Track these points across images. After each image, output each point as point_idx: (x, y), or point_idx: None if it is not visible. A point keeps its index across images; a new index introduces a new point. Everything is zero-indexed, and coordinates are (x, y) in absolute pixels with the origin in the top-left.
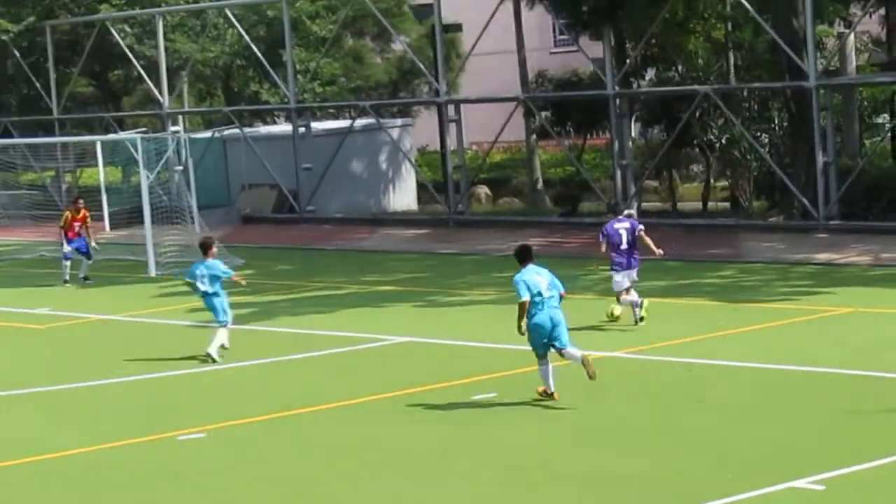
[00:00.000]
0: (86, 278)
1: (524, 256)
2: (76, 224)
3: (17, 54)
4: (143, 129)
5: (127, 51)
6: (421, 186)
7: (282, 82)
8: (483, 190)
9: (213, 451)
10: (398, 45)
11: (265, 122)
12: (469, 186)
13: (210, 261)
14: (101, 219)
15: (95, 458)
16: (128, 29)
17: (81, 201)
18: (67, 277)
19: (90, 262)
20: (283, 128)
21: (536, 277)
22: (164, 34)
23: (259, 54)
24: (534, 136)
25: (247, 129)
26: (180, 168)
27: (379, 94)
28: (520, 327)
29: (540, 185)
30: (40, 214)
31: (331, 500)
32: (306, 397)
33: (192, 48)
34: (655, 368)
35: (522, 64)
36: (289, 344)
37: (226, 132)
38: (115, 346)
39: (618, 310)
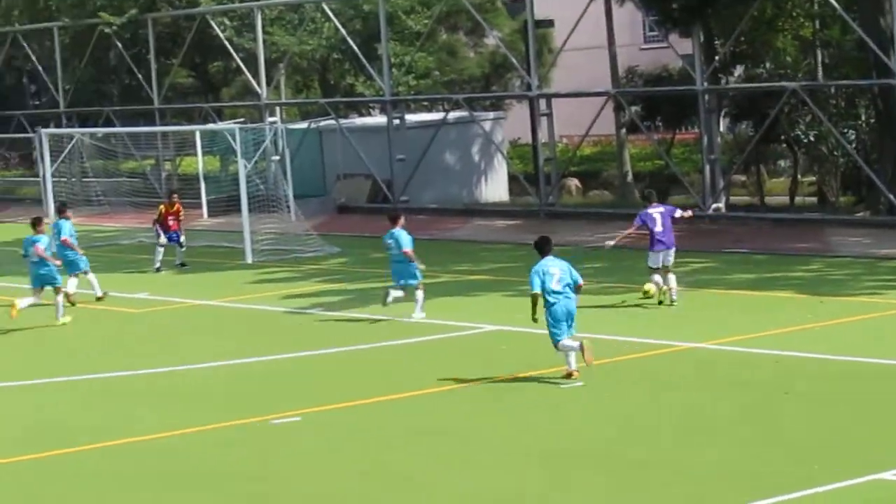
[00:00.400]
0: (182, 264)
1: (543, 248)
2: (170, 217)
3: (120, 46)
4: (242, 119)
5: (226, 43)
6: (512, 178)
7: (377, 75)
8: (573, 182)
9: (307, 435)
10: (491, 40)
11: (360, 114)
12: (560, 179)
13: (397, 230)
14: (199, 206)
15: (189, 441)
16: (227, 22)
17: (176, 196)
18: (159, 265)
19: (183, 249)
20: (378, 119)
21: (552, 269)
22: (263, 27)
23: (355, 48)
24: (623, 131)
25: (342, 121)
26: (277, 158)
27: (472, 88)
28: (534, 317)
29: (629, 178)
30: (140, 201)
31: (422, 486)
32: (399, 383)
33: (290, 41)
34: (742, 360)
35: (613, 59)
36: (383, 331)
37: (322, 123)
38: (211, 331)
39: (653, 288)
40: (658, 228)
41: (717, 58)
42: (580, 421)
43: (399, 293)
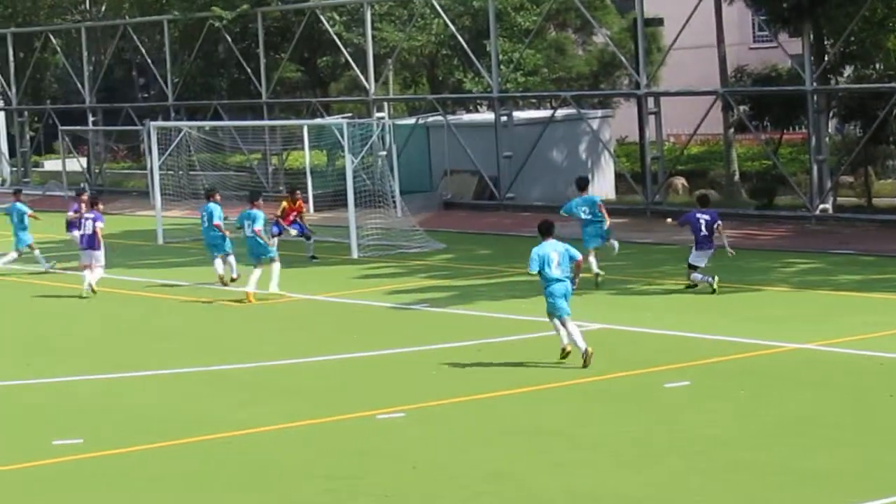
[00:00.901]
0: (313, 257)
1: (545, 231)
2: (292, 214)
3: (229, 40)
4: (349, 114)
5: (335, 38)
6: (619, 176)
7: (485, 72)
8: (680, 181)
9: (411, 430)
10: (600, 38)
11: (468, 111)
12: (666, 177)
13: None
14: (305, 201)
15: (293, 435)
16: (336, 17)
17: (298, 192)
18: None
19: (311, 242)
20: (486, 116)
21: (552, 253)
22: (372, 22)
23: (464, 44)
24: (731, 130)
25: (450, 117)
26: (384, 153)
27: (580, 86)
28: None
29: (737, 177)
30: (246, 195)
31: (524, 483)
32: (504, 380)
33: (399, 37)
34: (846, 362)
35: (721, 58)
36: (488, 327)
37: (429, 119)
38: (316, 325)
39: (697, 277)
40: (703, 233)
41: (826, 58)
42: (686, 420)
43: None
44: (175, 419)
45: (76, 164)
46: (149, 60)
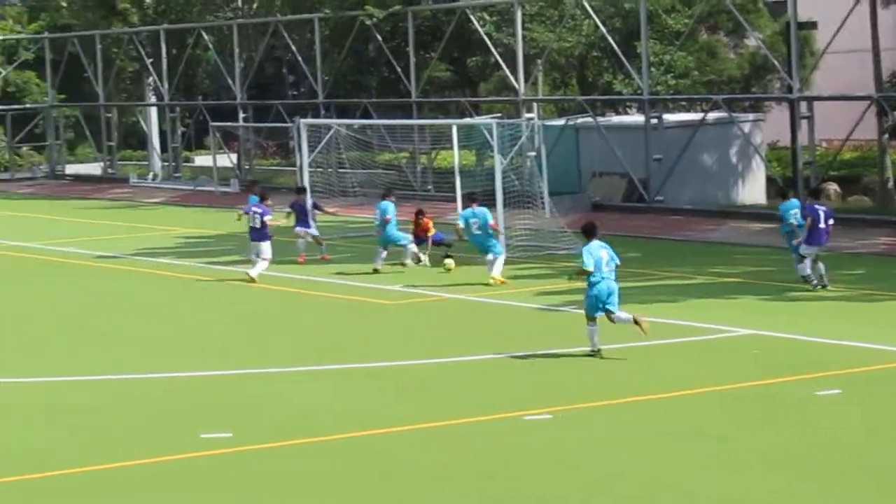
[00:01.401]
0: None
1: (591, 231)
2: (420, 233)
3: (380, 38)
4: (498, 114)
5: (485, 38)
6: (770, 181)
7: (635, 73)
8: (832, 187)
9: (558, 432)
10: (752, 41)
11: (617, 112)
12: (819, 183)
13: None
14: (453, 200)
15: (440, 434)
16: (487, 17)
17: (423, 212)
18: (424, 259)
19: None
20: (635, 118)
21: (601, 252)
22: (522, 23)
23: (614, 45)
24: (886, 136)
25: (599, 119)
26: (533, 154)
27: (731, 89)
28: (572, 277)
29: (890, 184)
30: (395, 194)
31: (670, 488)
32: (652, 384)
33: (549, 37)
34: None
35: (876, 63)
36: (635, 330)
37: (578, 120)
38: (464, 324)
39: (807, 269)
40: (822, 225)
41: None
42: (836, 429)
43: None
44: (324, 415)
45: (226, 159)
46: (299, 58)
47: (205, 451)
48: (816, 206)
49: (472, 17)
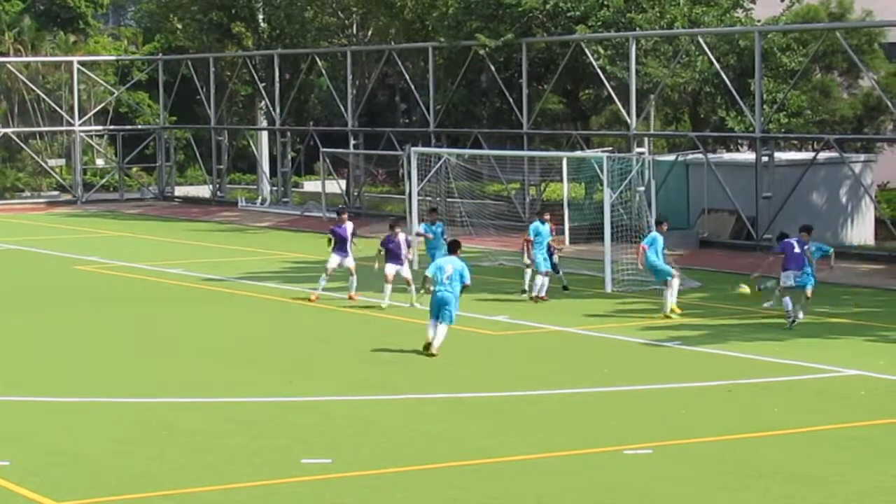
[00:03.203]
0: (565, 287)
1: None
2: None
3: (493, 68)
4: (609, 148)
5: (599, 71)
6: (879, 222)
7: (748, 111)
8: None
9: (658, 467)
10: (866, 81)
11: (728, 149)
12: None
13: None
14: (562, 233)
15: (540, 466)
16: (601, 50)
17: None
18: (526, 288)
19: (559, 274)
20: (746, 156)
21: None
22: (637, 57)
23: (728, 82)
24: None
25: (710, 155)
26: (642, 189)
27: (843, 129)
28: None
29: None
30: (503, 225)
31: None
32: (754, 422)
33: (663, 73)
34: None
35: None
36: (740, 368)
37: (689, 156)
38: (567, 357)
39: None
40: (797, 250)
41: None
42: None
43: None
44: (423, 443)
45: (335, 186)
46: (412, 86)
47: (305, 477)
48: (788, 240)
49: (586, 50)
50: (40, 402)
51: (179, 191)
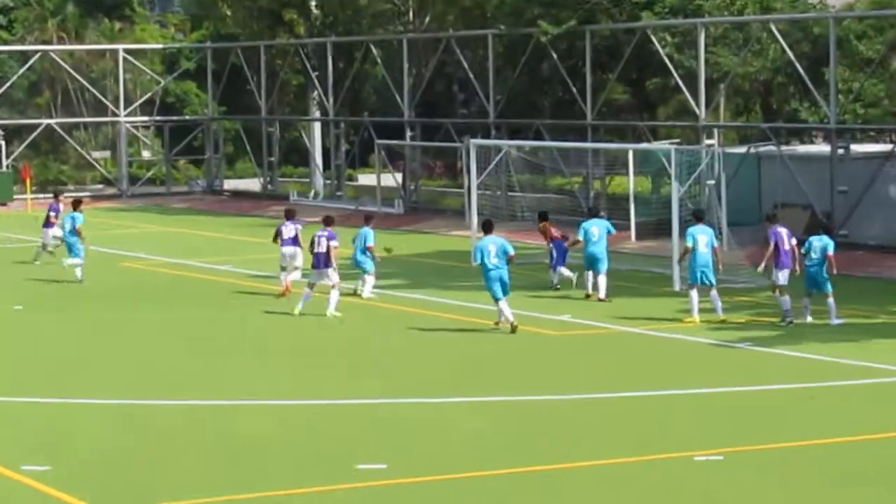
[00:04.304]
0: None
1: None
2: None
3: (555, 57)
4: (677, 140)
5: (666, 60)
6: None
7: (822, 101)
8: None
9: (730, 474)
10: None
11: (802, 141)
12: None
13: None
14: (627, 228)
15: (607, 472)
16: (668, 38)
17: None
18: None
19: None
20: (821, 148)
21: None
22: (706, 46)
23: (801, 71)
24: None
25: (783, 147)
26: (712, 182)
27: None
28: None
29: None
30: (566, 220)
31: None
32: (827, 426)
33: (733, 61)
34: None
35: None
36: (815, 370)
37: (761, 148)
38: (634, 358)
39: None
40: (786, 247)
41: None
42: None
43: None
44: (481, 449)
45: (391, 179)
46: (471, 75)
47: (359, 483)
48: (778, 229)
49: (652, 38)
50: (85, 403)
51: (228, 184)
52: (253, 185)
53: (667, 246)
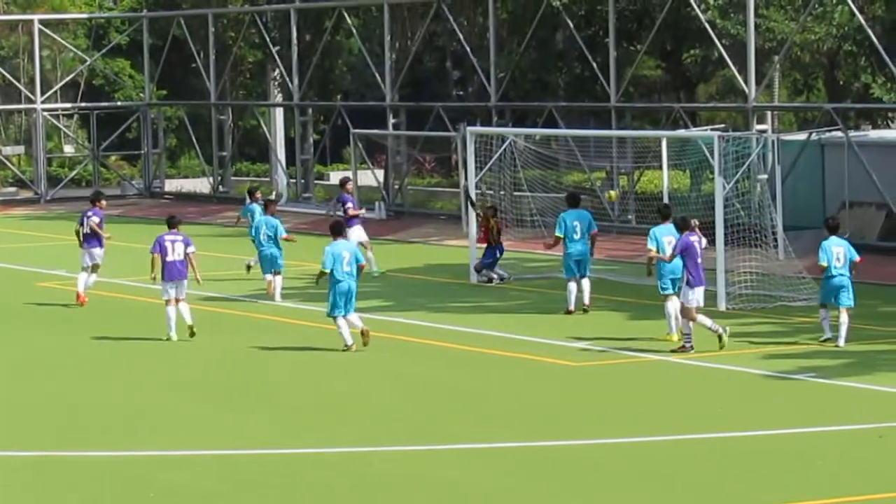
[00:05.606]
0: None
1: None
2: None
3: (571, 25)
4: (722, 125)
5: (707, 27)
6: None
7: None
8: None
9: None
10: None
11: (875, 125)
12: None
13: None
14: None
15: None
16: (711, 1)
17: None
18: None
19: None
20: None
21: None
22: (756, 9)
23: (874, 39)
24: None
25: (852, 133)
26: (765, 177)
27: None
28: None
29: None
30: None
31: None
32: None
33: (790, 28)
34: None
35: None
36: (892, 406)
37: (825, 135)
38: (671, 393)
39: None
40: (699, 259)
41: None
42: None
43: None
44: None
45: (370, 177)
46: (468, 49)
47: None
48: (690, 238)
49: (690, 1)
50: (12, 456)
51: (170, 185)
52: (201, 185)
53: (709, 256)
